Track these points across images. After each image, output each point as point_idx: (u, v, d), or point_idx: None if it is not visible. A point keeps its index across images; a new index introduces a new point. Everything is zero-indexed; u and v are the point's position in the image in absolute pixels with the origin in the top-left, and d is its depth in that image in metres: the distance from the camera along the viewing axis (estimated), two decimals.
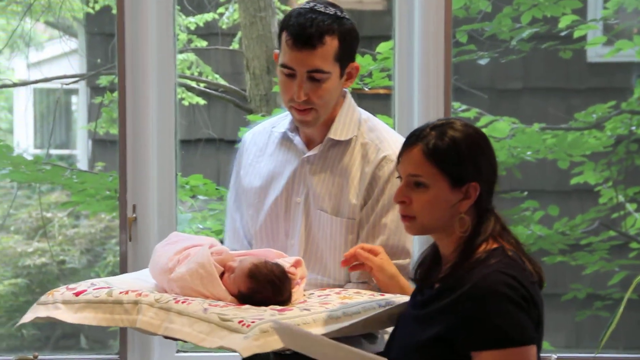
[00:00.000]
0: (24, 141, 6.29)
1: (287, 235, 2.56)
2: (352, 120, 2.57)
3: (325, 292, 2.41)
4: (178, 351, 3.50)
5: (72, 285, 2.36)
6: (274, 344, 2.03)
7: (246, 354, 2.03)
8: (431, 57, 3.45)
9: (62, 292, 2.32)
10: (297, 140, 2.58)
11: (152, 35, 3.42)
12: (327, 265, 2.54)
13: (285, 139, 2.61)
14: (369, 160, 2.53)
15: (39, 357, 3.37)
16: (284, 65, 2.47)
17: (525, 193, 4.89)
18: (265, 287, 2.28)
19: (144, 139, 3.42)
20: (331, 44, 2.45)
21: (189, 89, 5.08)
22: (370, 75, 4.30)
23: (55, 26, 5.83)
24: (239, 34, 4.99)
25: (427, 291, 2.21)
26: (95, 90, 5.41)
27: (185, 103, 5.06)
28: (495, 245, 2.15)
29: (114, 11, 4.97)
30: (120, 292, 2.28)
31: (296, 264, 2.39)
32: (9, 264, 5.56)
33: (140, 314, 2.21)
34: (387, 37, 4.17)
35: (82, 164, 5.93)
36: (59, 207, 5.50)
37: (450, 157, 2.14)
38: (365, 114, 2.63)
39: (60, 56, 6.04)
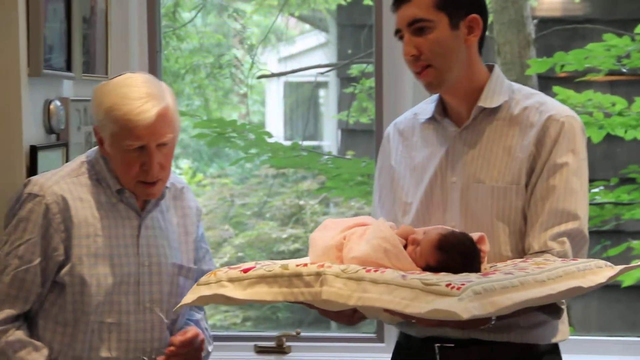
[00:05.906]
0: (275, 133, 6.53)
1: (445, 217, 2.41)
2: (502, 88, 2.42)
3: (508, 262, 2.24)
4: None
5: (234, 266, 2.24)
6: (489, 307, 1.93)
7: (467, 316, 1.89)
8: None
9: (225, 271, 2.21)
10: (447, 121, 2.46)
11: None
12: (492, 237, 2.34)
13: (432, 123, 2.49)
14: (531, 123, 2.37)
15: (301, 333, 3.51)
16: (395, 32, 2.41)
17: None
18: (456, 258, 2.14)
19: None
20: None
21: None
22: (628, 56, 4.20)
23: (306, 20, 6.04)
24: (490, 19, 4.97)
25: None
26: (345, 80, 5.55)
27: None
28: None
29: (365, 2, 5.12)
30: (297, 265, 2.14)
31: (480, 240, 2.23)
32: (265, 250, 5.79)
33: (325, 286, 2.08)
34: None
35: None
36: (312, 193, 5.68)
37: None
38: (517, 85, 2.50)
39: (308, 50, 6.25)
